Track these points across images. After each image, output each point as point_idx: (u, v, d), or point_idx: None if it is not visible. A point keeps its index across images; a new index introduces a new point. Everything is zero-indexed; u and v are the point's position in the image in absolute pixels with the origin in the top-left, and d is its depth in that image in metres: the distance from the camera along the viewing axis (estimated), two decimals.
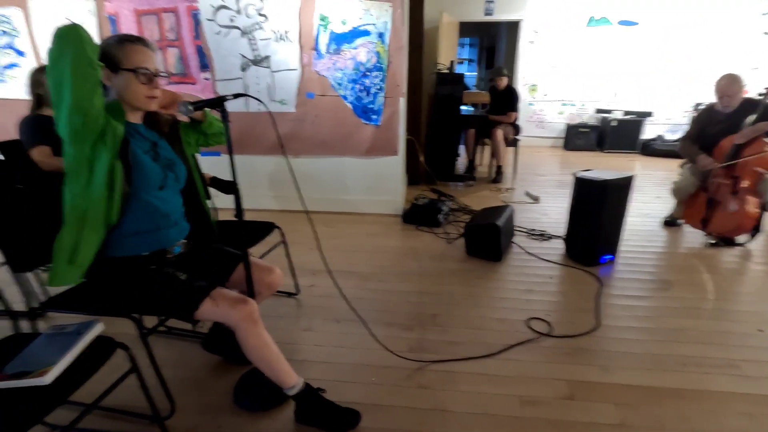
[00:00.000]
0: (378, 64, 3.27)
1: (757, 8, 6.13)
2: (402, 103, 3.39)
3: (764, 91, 2.82)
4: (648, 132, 6.63)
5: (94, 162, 1.20)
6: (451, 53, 6.05)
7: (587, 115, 6.95)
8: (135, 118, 1.36)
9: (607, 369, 1.77)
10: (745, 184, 2.84)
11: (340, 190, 3.69)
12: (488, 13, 6.68)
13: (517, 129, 4.94)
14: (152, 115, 1.40)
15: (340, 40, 3.25)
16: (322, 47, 3.28)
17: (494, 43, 9.83)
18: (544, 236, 3.18)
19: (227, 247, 1.60)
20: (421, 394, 1.62)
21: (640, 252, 2.94)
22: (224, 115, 1.33)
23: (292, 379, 1.40)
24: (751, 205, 2.82)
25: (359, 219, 3.58)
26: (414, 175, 4.52)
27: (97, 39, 3.34)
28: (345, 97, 3.38)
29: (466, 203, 3.89)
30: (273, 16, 3.23)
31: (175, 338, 1.96)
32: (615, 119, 6.53)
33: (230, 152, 1.36)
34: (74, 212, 1.24)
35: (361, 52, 3.25)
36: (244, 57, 3.36)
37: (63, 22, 1.13)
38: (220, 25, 3.29)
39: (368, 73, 3.30)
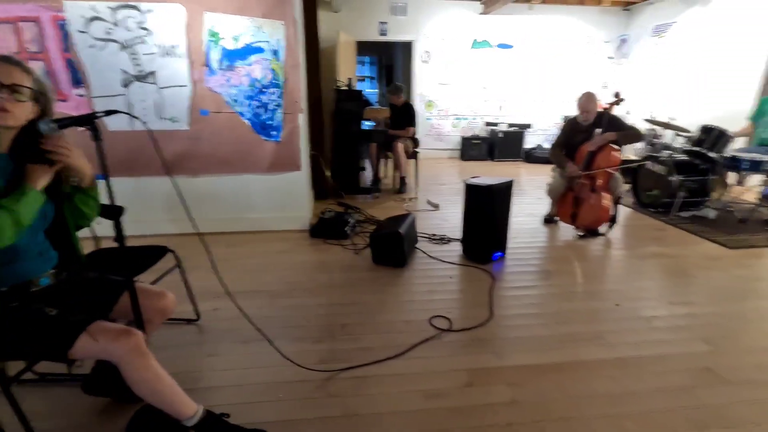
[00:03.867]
0: (274, 81, 3.26)
1: (601, 37, 7.35)
2: (302, 119, 3.42)
3: (607, 106, 3.39)
4: (529, 141, 7.49)
5: None
6: (350, 71, 6.24)
7: (478, 127, 7.63)
8: (3, 146, 1.21)
9: (500, 354, 1.96)
10: (600, 182, 3.35)
11: (244, 209, 3.56)
12: (383, 33, 7.04)
13: (416, 142, 5.24)
14: (20, 142, 1.24)
15: (232, 56, 3.18)
16: (214, 63, 3.18)
17: (392, 61, 10.34)
18: (444, 240, 3.41)
19: (110, 275, 1.47)
20: (331, 403, 1.64)
21: (525, 247, 3.30)
22: (96, 134, 1.23)
23: (189, 409, 1.32)
24: (606, 199, 3.34)
25: (267, 237, 3.50)
26: (321, 189, 4.54)
27: None
28: (242, 114, 3.30)
29: (372, 214, 4.01)
30: (157, 30, 3.06)
31: (50, 385, 1.72)
32: (501, 131, 7.26)
33: (106, 174, 1.27)
34: None
35: (256, 68, 3.22)
36: (126, 72, 3.11)
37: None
38: (95, 38, 3.02)
39: (265, 90, 3.27)
